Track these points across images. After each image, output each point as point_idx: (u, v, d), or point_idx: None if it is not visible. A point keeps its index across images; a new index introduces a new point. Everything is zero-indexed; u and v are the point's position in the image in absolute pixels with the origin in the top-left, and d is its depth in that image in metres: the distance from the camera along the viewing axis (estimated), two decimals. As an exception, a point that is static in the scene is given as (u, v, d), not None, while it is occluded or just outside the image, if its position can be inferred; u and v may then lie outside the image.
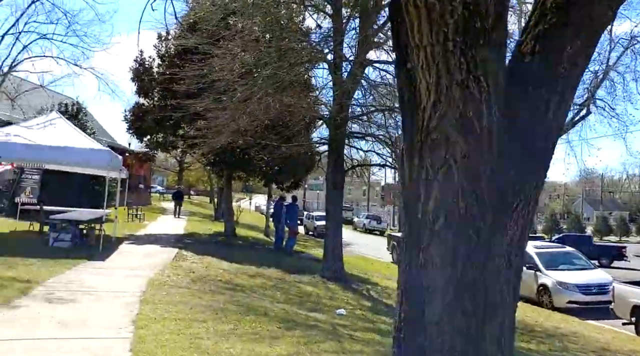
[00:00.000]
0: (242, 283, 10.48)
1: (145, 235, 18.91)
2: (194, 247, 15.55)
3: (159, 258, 12.40)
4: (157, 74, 19.31)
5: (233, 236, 20.93)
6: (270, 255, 16.94)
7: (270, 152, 17.32)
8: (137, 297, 7.68)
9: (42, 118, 13.64)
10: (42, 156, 12.65)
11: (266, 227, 28.53)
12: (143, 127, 19.16)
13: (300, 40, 13.43)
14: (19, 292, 7.27)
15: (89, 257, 11.40)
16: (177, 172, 65.48)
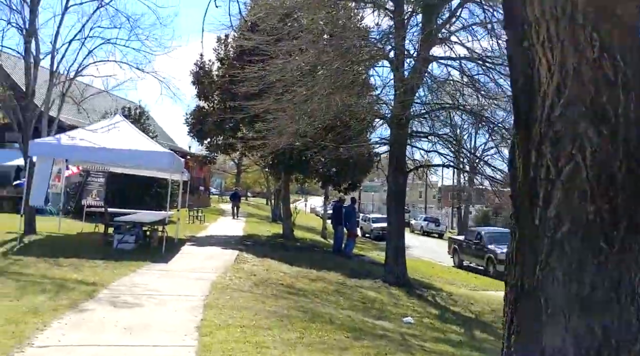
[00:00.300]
0: (304, 287, 10.22)
1: (206, 236, 19.06)
2: (253, 249, 15.49)
3: (221, 260, 12.34)
4: (217, 77, 19.48)
5: (291, 238, 20.79)
6: (329, 258, 16.67)
7: (328, 153, 17.10)
8: (201, 301, 7.55)
9: (106, 122, 13.92)
10: (106, 159, 12.91)
11: (323, 229, 28.34)
12: (203, 130, 19.34)
13: (360, 38, 13.12)
14: (85, 295, 7.27)
15: (152, 258, 11.47)
16: (234, 174, 66.47)
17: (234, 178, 73.30)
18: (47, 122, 14.47)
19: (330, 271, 12.99)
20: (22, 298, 6.85)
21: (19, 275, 8.41)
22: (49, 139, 12.77)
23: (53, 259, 10.23)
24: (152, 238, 13.97)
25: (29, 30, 13.42)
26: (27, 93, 13.80)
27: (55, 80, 14.17)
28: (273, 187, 35.50)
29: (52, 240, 13.54)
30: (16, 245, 11.86)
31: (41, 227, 14.88)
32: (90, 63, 14.62)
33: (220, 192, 77.43)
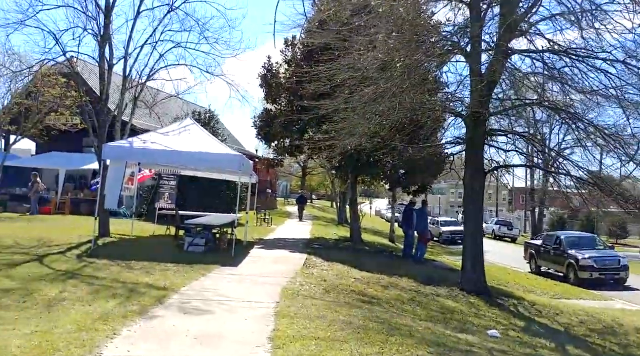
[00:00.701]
0: (377, 295, 9.72)
1: (274, 239, 18.92)
2: (322, 253, 15.12)
3: (290, 265, 12.05)
4: (284, 79, 19.31)
5: (359, 242, 20.31)
6: (400, 263, 16.06)
7: (398, 154, 16.52)
8: (272, 309, 7.22)
9: (177, 125, 14.00)
10: (177, 161, 12.95)
11: (391, 233, 27.67)
12: (271, 133, 19.23)
13: (433, 33, 12.48)
14: (155, 301, 7.12)
15: (222, 262, 11.33)
16: (300, 177, 66.79)
17: (299, 181, 73.81)
18: (121, 126, 14.74)
19: (402, 278, 12.42)
20: (94, 303, 6.76)
21: (92, 279, 8.42)
22: (121, 143, 12.95)
23: (125, 262, 10.27)
24: (221, 241, 13.91)
25: (103, 36, 13.70)
26: (102, 98, 14.10)
27: (128, 85, 14.40)
28: (339, 190, 35.14)
29: (125, 243, 13.73)
30: (91, 247, 12.06)
31: (115, 229, 15.19)
32: (161, 67, 14.78)
33: (285, 194, 78.14)
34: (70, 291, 7.35)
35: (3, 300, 6.68)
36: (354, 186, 20.87)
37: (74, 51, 14.00)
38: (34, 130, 21.31)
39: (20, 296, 6.90)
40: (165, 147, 12.48)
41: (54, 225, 16.23)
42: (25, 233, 13.54)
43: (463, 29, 12.27)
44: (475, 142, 12.31)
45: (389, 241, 26.52)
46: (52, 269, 9.05)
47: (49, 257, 10.40)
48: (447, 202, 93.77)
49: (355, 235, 20.38)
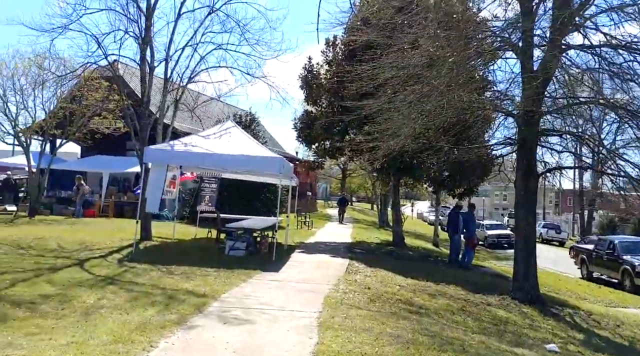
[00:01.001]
0: (424, 304, 9.23)
1: (314, 242, 18.60)
2: (364, 258, 14.70)
3: (331, 270, 11.68)
4: (325, 80, 19.02)
5: (402, 246, 19.79)
6: (446, 269, 15.49)
7: (444, 155, 15.95)
8: (315, 319, 6.86)
9: (218, 128, 13.85)
10: (218, 164, 12.75)
11: (435, 236, 26.98)
12: (311, 135, 18.95)
13: (482, 29, 11.90)
14: (194, 309, 6.86)
15: (263, 266, 11.06)
16: (339, 179, 66.45)
17: (338, 183, 73.46)
18: (162, 129, 14.71)
19: (449, 285, 11.88)
20: (132, 311, 6.55)
21: (132, 284, 8.25)
22: (162, 146, 12.87)
23: (166, 267, 10.11)
24: (262, 244, 13.66)
25: (144, 38, 13.68)
26: (143, 100, 14.09)
27: (169, 87, 14.35)
28: (380, 192, 34.59)
29: (166, 247, 13.65)
30: (132, 251, 11.99)
31: (157, 232, 15.17)
32: (202, 69, 14.69)
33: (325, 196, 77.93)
34: (108, 298, 7.18)
35: (42, 306, 6.55)
36: (396, 188, 20.36)
37: (116, 54, 13.99)
38: (78, 133, 21.65)
39: (58, 303, 6.75)
40: (206, 150, 12.32)
41: (97, 228, 16.36)
42: (69, 236, 13.63)
43: (514, 24, 11.64)
44: (527, 143, 11.67)
45: (433, 245, 25.85)
46: (92, 274, 8.95)
47: (90, 261, 10.34)
48: (492, 204, 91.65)
49: (397, 239, 19.87)
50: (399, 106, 11.07)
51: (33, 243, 12.23)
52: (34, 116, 20.87)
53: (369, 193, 68.64)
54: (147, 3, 13.77)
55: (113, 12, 13.68)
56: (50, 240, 12.83)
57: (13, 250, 10.98)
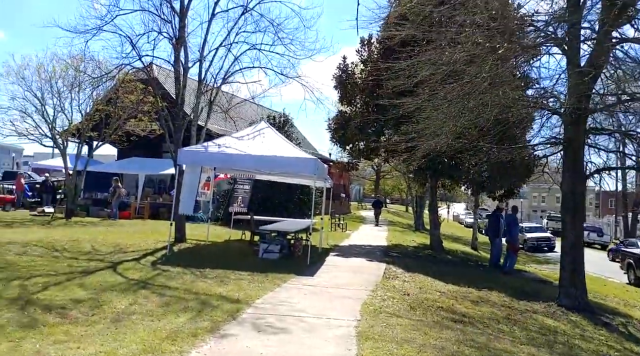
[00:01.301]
0: (467, 312, 8.76)
1: (349, 245, 18.22)
2: (401, 262, 14.26)
3: (368, 275, 11.30)
4: (360, 79, 18.63)
5: (440, 250, 19.22)
6: (487, 274, 14.90)
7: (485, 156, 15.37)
8: (353, 328, 6.50)
9: (251, 129, 13.64)
10: (252, 165, 12.55)
11: (473, 240, 26.24)
12: (346, 135, 18.57)
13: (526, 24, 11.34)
14: (228, 315, 6.59)
15: (297, 270, 10.77)
16: (373, 180, 65.85)
17: (372, 185, 72.78)
18: (196, 130, 14.59)
19: (492, 291, 11.35)
20: (163, 318, 6.32)
21: (164, 289, 8.05)
22: (196, 147, 12.72)
23: (199, 270, 9.91)
24: (296, 247, 13.37)
25: (178, 39, 13.58)
26: (177, 101, 13.99)
27: (203, 88, 14.21)
28: (415, 194, 33.94)
29: (200, 249, 13.50)
30: (166, 254, 11.87)
31: (191, 234, 15.06)
32: (236, 70, 14.52)
33: (358, 198, 77.43)
34: (140, 303, 6.98)
35: (73, 311, 6.38)
36: (434, 190, 19.81)
37: (150, 55, 13.91)
38: (114, 135, 21.84)
39: (89, 308, 6.58)
40: (239, 151, 12.12)
41: (132, 230, 16.37)
42: (104, 238, 13.62)
43: (560, 18, 11.04)
44: (574, 142, 11.05)
45: (472, 249, 25.14)
46: (124, 277, 8.80)
47: (123, 263, 10.22)
48: (529, 206, 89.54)
49: (435, 243, 19.32)
50: (439, 104, 10.60)
51: (68, 245, 12.23)
52: (70, 118, 21.16)
53: (403, 195, 67.83)
54: (180, 3, 13.68)
55: (147, 12, 13.65)
56: (84, 243, 12.83)
57: (48, 253, 10.97)
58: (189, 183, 12.20)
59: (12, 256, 10.10)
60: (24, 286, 7.52)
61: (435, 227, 19.64)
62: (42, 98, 20.06)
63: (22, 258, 10.00)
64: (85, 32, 12.87)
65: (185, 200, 12.16)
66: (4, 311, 6.14)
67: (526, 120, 13.28)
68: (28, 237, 13.07)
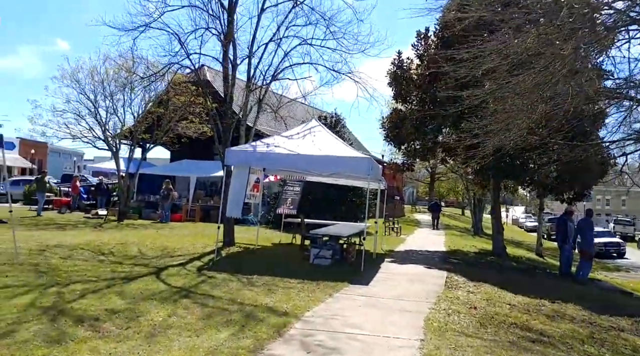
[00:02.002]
0: (545, 329, 7.70)
1: (405, 251, 17.26)
2: (463, 269, 13.21)
3: (428, 284, 10.36)
4: (416, 75, 17.66)
5: (504, 256, 17.96)
6: (558, 284, 13.61)
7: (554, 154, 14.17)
8: (417, 349, 5.64)
9: (301, 128, 12.95)
10: (302, 165, 11.84)
11: (538, 245, 24.64)
12: (401, 134, 17.62)
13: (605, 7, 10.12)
14: (273, 331, 5.86)
15: (350, 278, 9.98)
16: (427, 182, 64.20)
17: (425, 187, 70.97)
18: (245, 130, 14.06)
19: (567, 304, 10.16)
20: (203, 333, 5.66)
21: (207, 298, 7.42)
22: (244, 147, 12.15)
23: (246, 277, 9.28)
24: (349, 252, 12.57)
25: (226, 35, 13.07)
26: (226, 100, 13.48)
27: (252, 86, 13.65)
28: (473, 196, 32.46)
29: (248, 253, 12.91)
30: (213, 258, 11.34)
31: (240, 238, 14.56)
32: (285, 66, 13.87)
33: (412, 201, 75.89)
34: (179, 315, 6.36)
35: (106, 324, 5.82)
36: (496, 192, 18.55)
37: (198, 53, 13.46)
38: (165, 137, 21.72)
39: (124, 320, 6.01)
40: (289, 151, 11.45)
41: (182, 233, 16.02)
42: (152, 242, 13.26)
43: None
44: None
45: (536, 255, 23.59)
46: (167, 284, 8.25)
47: (168, 269, 9.72)
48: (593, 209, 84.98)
49: (498, 248, 18.07)
50: (507, 96, 9.54)
51: (115, 249, 11.90)
52: (123, 121, 21.17)
53: (458, 197, 65.82)
54: (228, -1, 13.17)
55: (195, 8, 13.20)
56: (132, 246, 12.49)
57: (93, 256, 10.63)
58: (237, 185, 11.62)
59: (57, 260, 9.79)
60: (61, 293, 7.07)
61: (498, 231, 18.38)
62: (95, 101, 20.15)
63: (66, 262, 9.66)
64: (132, 30, 12.56)
65: (233, 202, 11.59)
66: (33, 323, 5.64)
67: (601, 114, 12.02)
68: (77, 239, 12.86)
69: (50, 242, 11.90)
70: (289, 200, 16.55)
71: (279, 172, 15.52)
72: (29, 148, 50.70)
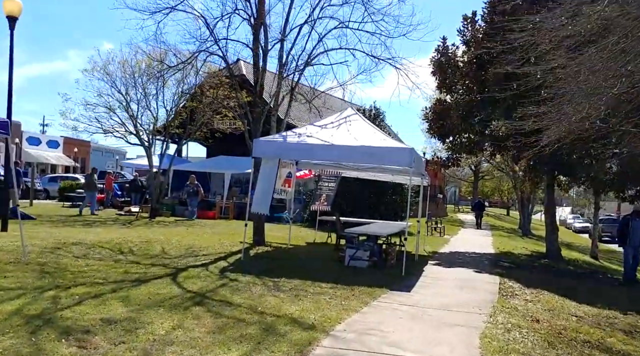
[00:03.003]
0: (627, 350, 6.39)
1: (449, 252, 15.94)
2: (516, 274, 11.86)
3: (480, 291, 9.12)
4: (462, 63, 16.32)
5: (559, 259, 16.43)
6: (625, 291, 12.10)
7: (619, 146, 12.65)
8: (473, 379, 4.48)
9: (336, 116, 11.83)
10: (337, 157, 10.75)
11: (593, 247, 22.79)
12: (446, 126, 16.29)
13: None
14: (295, 351, 4.80)
15: (389, 283, 8.85)
16: (471, 181, 62.12)
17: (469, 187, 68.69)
18: (276, 121, 13.08)
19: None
20: (208, 352, 4.64)
21: (223, 306, 6.42)
22: (273, 137, 11.15)
23: (272, 280, 8.28)
24: (389, 254, 11.40)
25: (257, 17, 12.10)
26: (256, 88, 12.54)
27: (284, 73, 12.65)
28: (522, 195, 30.68)
29: (279, 253, 11.93)
30: (240, 258, 10.39)
31: (273, 236, 13.64)
32: (320, 52, 12.80)
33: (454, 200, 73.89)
34: (186, 327, 5.38)
35: (96, 337, 4.88)
36: (550, 190, 16.98)
37: (226, 38, 12.52)
38: (199, 133, 21.00)
39: (120, 332, 5.06)
40: (322, 141, 10.38)
41: (212, 231, 15.17)
42: (179, 240, 12.44)
43: None
44: None
45: (591, 257, 21.80)
46: (182, 288, 7.31)
47: (188, 270, 8.80)
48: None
49: (552, 251, 16.56)
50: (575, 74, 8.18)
51: (137, 247, 11.10)
52: (156, 115, 20.56)
53: (504, 197, 63.51)
54: (258, -23, 12.19)
55: (222, -11, 12.27)
56: (156, 244, 11.67)
57: (111, 255, 9.81)
58: (266, 178, 10.63)
59: (69, 259, 8.99)
60: (57, 298, 6.20)
61: (552, 232, 16.83)
62: (126, 94, 19.54)
63: (78, 261, 8.85)
64: (156, 12, 11.71)
65: (260, 198, 10.59)
66: (7, 336, 4.74)
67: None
68: (100, 237, 12.14)
69: (70, 239, 11.18)
70: (323, 197, 15.50)
71: (312, 167, 14.46)
72: (72, 146, 51.36)
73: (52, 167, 49.29)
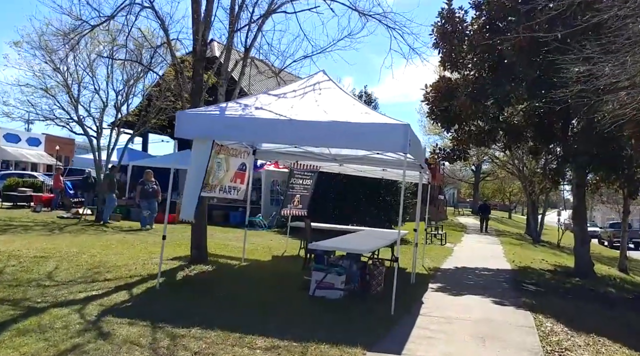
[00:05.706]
0: None
1: (455, 269, 12.54)
2: (551, 306, 8.42)
3: (511, 347, 5.75)
4: (472, 32, 12.97)
5: (592, 276, 13.09)
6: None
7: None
8: None
9: (300, 84, 8.40)
10: (295, 138, 7.23)
11: (622, 258, 19.40)
12: (451, 110, 12.89)
13: None
14: None
15: (369, 333, 5.56)
16: (471, 182, 58.87)
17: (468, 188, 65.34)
18: (225, 92, 9.72)
19: None
20: None
21: None
22: (206, 109, 7.74)
23: (176, 332, 4.98)
24: (374, 278, 8.00)
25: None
26: (195, 46, 9.16)
27: (236, 26, 9.30)
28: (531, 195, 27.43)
29: (219, 276, 8.56)
30: (155, 286, 7.07)
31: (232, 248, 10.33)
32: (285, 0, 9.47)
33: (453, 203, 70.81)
34: None
35: None
36: (580, 189, 13.58)
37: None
38: (155, 120, 17.59)
39: None
40: (277, 115, 7.00)
41: (154, 241, 11.74)
42: (91, 254, 9.16)
43: None
44: None
45: (619, 270, 18.47)
46: None
47: (50, 311, 5.47)
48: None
49: (583, 266, 13.19)
50: None
51: (22, 264, 7.87)
52: (105, 100, 17.16)
53: (505, 200, 60.36)
54: None
55: None
56: (53, 260, 8.39)
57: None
58: (195, 170, 7.27)
59: None
60: None
61: (582, 243, 13.45)
62: (66, 71, 16.05)
63: None
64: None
65: (187, 198, 7.23)
66: None
67: None
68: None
69: None
70: (297, 198, 12.11)
71: (277, 156, 11.04)
72: (54, 144, 47.86)
73: (33, 165, 45.84)
